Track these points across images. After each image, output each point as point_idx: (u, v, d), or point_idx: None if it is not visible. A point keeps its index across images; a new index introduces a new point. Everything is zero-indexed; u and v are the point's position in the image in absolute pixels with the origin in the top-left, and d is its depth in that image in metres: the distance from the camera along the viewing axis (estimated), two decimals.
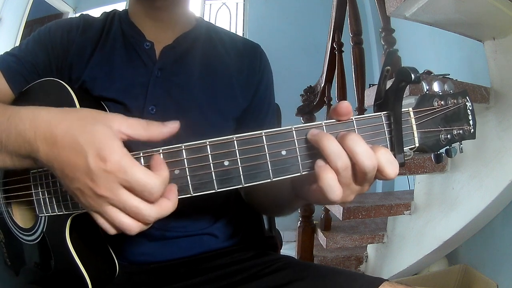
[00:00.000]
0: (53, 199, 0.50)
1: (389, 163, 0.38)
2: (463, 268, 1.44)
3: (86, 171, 0.37)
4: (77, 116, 0.40)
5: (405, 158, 0.42)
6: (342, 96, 1.62)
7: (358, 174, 0.38)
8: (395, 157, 0.40)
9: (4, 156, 0.43)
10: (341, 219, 1.51)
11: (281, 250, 0.86)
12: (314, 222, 1.76)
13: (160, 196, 0.38)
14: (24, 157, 0.42)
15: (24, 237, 0.59)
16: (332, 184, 0.38)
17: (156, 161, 0.38)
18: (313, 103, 1.87)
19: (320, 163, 0.38)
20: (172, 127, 0.40)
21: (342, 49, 1.70)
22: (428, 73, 1.38)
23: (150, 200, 0.38)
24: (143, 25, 0.67)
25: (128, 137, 0.39)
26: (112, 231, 0.39)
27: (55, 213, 0.51)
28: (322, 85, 1.81)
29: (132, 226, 0.38)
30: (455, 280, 1.42)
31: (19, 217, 0.61)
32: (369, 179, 0.39)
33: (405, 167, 1.32)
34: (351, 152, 0.37)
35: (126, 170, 0.36)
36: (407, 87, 1.06)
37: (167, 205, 0.39)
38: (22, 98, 0.62)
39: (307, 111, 1.87)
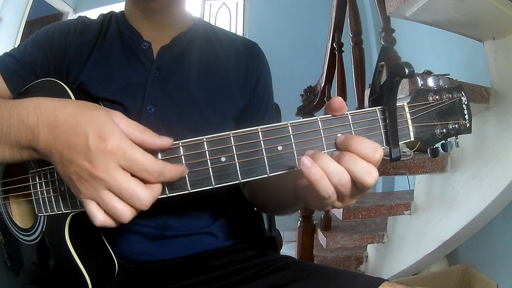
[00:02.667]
0: (52, 198, 0.51)
1: (367, 173, 0.38)
2: (463, 268, 1.44)
3: (85, 152, 0.37)
4: (80, 104, 0.42)
5: (405, 158, 0.42)
6: (342, 96, 1.62)
7: (359, 187, 0.39)
8: (390, 151, 0.41)
9: (3, 147, 0.44)
10: (341, 219, 1.51)
11: (281, 250, 0.85)
12: (314, 222, 1.76)
13: (158, 177, 0.38)
14: (24, 147, 0.43)
15: (24, 237, 0.59)
16: (323, 184, 0.38)
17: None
18: (313, 103, 1.87)
19: (306, 163, 0.38)
20: (165, 141, 0.40)
21: (342, 49, 1.70)
22: (428, 73, 1.38)
23: (148, 180, 0.38)
24: (140, 26, 0.68)
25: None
26: (100, 219, 0.39)
27: (54, 212, 0.51)
28: (322, 85, 1.81)
29: (125, 213, 0.38)
30: (455, 280, 1.42)
31: (18, 217, 0.62)
32: (347, 195, 0.40)
33: (405, 167, 1.32)
34: (350, 172, 0.38)
35: (125, 149, 0.37)
36: (407, 87, 1.06)
37: (158, 188, 0.39)
38: (20, 98, 0.62)
39: (307, 111, 1.87)
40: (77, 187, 0.39)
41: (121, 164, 0.37)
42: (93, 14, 0.70)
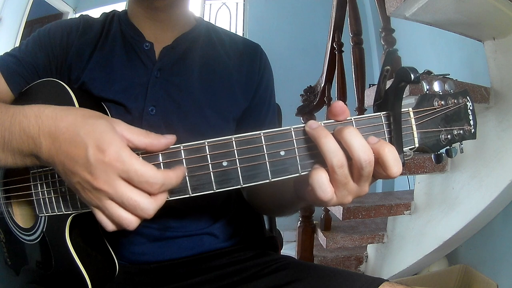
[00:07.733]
0: (53, 199, 0.50)
1: (396, 161, 0.38)
2: (463, 268, 1.44)
3: (85, 164, 0.37)
4: (81, 113, 0.41)
5: (405, 158, 0.42)
6: (342, 96, 1.62)
7: (354, 169, 0.38)
8: None
9: (6, 154, 0.44)
10: (341, 219, 1.51)
11: (281, 250, 0.85)
12: (314, 222, 1.76)
13: (161, 188, 0.38)
14: (26, 155, 0.43)
15: (24, 237, 0.59)
16: (321, 181, 0.38)
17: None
18: (313, 103, 1.87)
19: (317, 165, 0.39)
20: (170, 138, 0.40)
21: (342, 49, 1.70)
22: (428, 73, 1.38)
23: (149, 192, 0.38)
24: (142, 26, 0.67)
25: (128, 141, 0.39)
26: (110, 227, 0.39)
27: (54, 213, 0.51)
28: (322, 85, 1.81)
29: (131, 221, 0.39)
30: (455, 280, 1.42)
31: (19, 217, 0.62)
32: (365, 176, 0.38)
33: (405, 167, 1.32)
34: (347, 145, 0.37)
35: (124, 160, 0.37)
36: (408, 87, 1.06)
37: (162, 196, 0.39)
38: (22, 98, 0.62)
39: (307, 111, 1.87)
40: (82, 197, 0.40)
41: (120, 175, 0.37)
42: (93, 14, 0.70)
